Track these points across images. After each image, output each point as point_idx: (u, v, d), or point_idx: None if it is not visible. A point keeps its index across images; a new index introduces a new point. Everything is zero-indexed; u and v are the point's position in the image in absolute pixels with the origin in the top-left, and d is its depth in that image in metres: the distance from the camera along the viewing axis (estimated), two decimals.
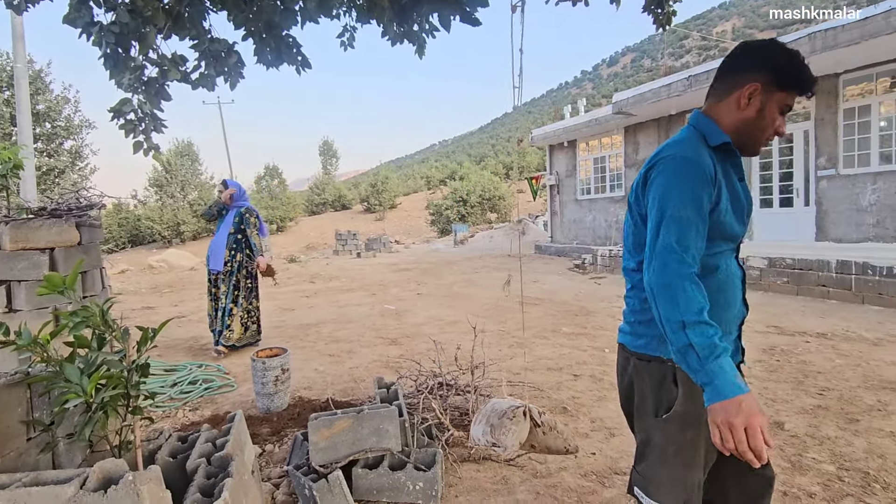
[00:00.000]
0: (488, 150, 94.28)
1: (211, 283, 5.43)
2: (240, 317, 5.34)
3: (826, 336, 5.44)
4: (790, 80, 1.34)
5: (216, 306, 5.35)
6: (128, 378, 1.48)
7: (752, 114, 1.37)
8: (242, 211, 5.50)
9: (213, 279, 5.41)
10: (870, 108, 8.74)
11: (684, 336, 1.19)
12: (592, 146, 14.94)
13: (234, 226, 5.43)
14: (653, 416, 1.44)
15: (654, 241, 1.30)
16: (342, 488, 2.32)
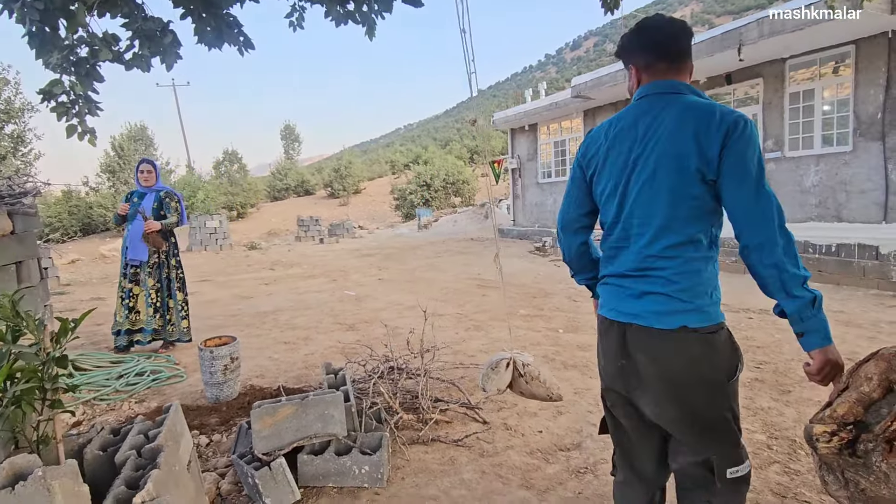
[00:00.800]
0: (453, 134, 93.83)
1: (127, 277, 4.87)
2: (177, 309, 5.04)
3: (768, 312, 5.67)
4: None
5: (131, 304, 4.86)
6: (43, 371, 1.43)
7: None
8: (162, 195, 5.06)
9: (133, 272, 4.88)
10: (814, 92, 9.06)
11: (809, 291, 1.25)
12: (553, 130, 15.06)
13: (153, 212, 4.96)
14: (727, 384, 1.37)
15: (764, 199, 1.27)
16: (285, 475, 2.31)
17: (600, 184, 1.52)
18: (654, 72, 1.47)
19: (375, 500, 2.37)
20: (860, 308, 5.74)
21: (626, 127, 1.46)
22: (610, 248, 1.53)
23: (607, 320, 1.51)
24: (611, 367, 1.52)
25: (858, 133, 8.51)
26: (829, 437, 0.93)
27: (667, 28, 1.47)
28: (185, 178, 30.00)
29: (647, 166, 1.39)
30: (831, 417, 0.94)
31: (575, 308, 6.35)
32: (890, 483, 0.85)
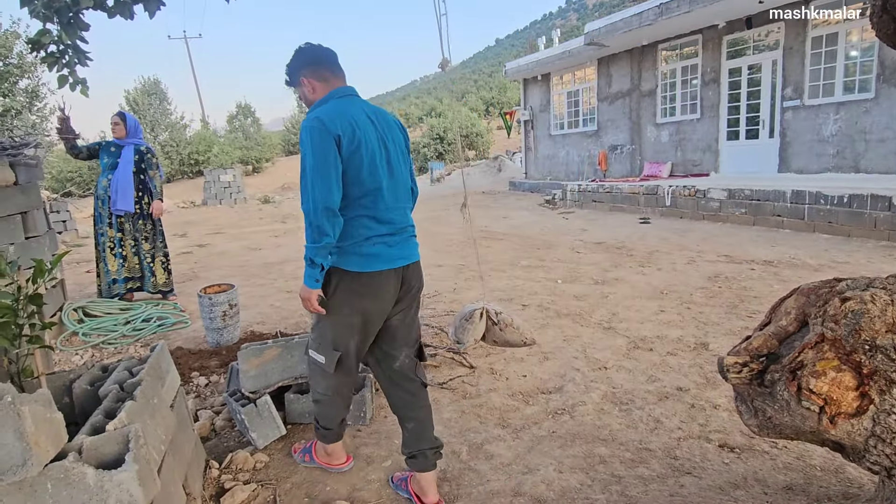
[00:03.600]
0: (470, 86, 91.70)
1: (112, 225, 4.85)
2: (160, 261, 5.08)
3: (772, 263, 5.62)
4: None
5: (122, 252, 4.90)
6: (16, 307, 1.51)
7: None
8: (142, 149, 4.97)
9: (118, 221, 4.87)
10: (837, 36, 8.63)
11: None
12: (566, 80, 14.64)
13: (134, 164, 4.89)
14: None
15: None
16: (270, 412, 2.43)
17: (360, 161, 1.77)
18: (341, 79, 1.94)
19: (357, 436, 2.49)
20: (866, 259, 5.65)
21: (361, 115, 1.82)
22: (383, 212, 1.84)
23: (387, 271, 1.86)
24: (387, 303, 1.90)
25: (882, 79, 8.14)
26: (740, 369, 0.96)
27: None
28: (199, 133, 30.01)
29: (396, 147, 1.91)
30: (746, 350, 0.97)
31: (577, 259, 6.35)
32: (791, 410, 0.88)
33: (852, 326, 0.83)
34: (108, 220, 4.88)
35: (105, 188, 4.85)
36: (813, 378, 0.84)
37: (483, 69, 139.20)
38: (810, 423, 0.87)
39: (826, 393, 0.84)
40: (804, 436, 0.93)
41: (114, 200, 4.80)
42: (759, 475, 2.03)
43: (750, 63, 10.00)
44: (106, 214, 4.87)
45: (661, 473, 2.08)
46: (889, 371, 0.81)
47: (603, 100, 13.28)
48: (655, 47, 11.66)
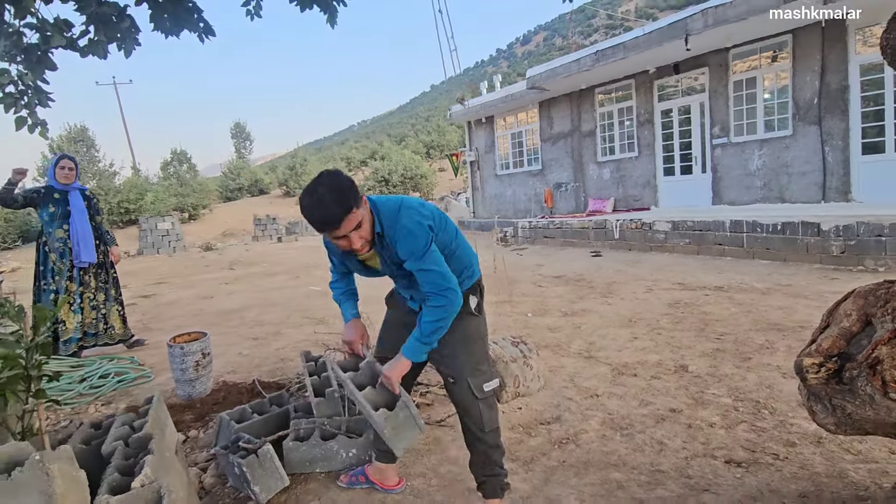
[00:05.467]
0: (408, 130, 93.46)
1: (74, 279, 4.56)
2: (117, 310, 4.82)
3: (723, 289, 5.95)
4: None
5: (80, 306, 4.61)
6: (27, 358, 1.38)
7: None
8: (89, 194, 4.79)
9: (80, 274, 4.60)
10: (755, 80, 9.51)
11: None
12: (509, 122, 15.23)
13: (87, 211, 4.66)
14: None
15: None
16: (273, 462, 2.29)
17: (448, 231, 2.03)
18: None
19: None
20: (805, 281, 6.09)
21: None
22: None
23: None
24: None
25: (797, 118, 9.00)
26: (818, 369, 1.01)
27: None
28: (130, 181, 28.76)
29: None
30: (817, 351, 1.03)
31: (541, 293, 6.48)
32: (875, 404, 0.93)
33: None
34: (68, 273, 4.55)
35: (63, 240, 4.55)
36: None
37: (420, 113, 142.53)
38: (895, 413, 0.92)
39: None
40: (885, 428, 0.98)
41: (77, 252, 4.51)
42: (771, 486, 2.10)
43: (680, 105, 10.80)
44: (66, 268, 4.55)
45: (680, 493, 2.12)
46: None
47: (546, 140, 13.88)
48: (593, 91, 12.40)
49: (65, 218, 4.56)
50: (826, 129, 8.65)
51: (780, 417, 2.74)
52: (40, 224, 4.63)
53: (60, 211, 4.57)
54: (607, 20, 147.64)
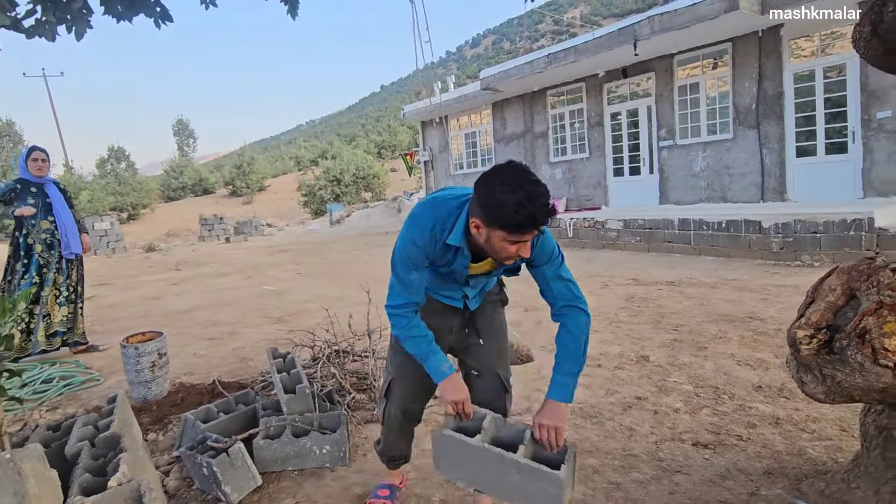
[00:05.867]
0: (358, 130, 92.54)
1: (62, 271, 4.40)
2: (80, 308, 4.61)
3: (675, 283, 6.19)
4: (505, 224, 1.38)
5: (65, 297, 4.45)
6: None
7: (482, 241, 1.49)
8: (63, 187, 4.63)
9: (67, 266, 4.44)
10: (699, 85, 9.96)
11: None
12: (463, 122, 15.33)
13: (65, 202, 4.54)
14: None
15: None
16: (245, 461, 2.21)
17: None
18: None
19: (341, 478, 2.33)
20: (749, 276, 6.43)
21: None
22: None
23: None
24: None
25: (737, 122, 9.48)
26: (810, 340, 1.07)
27: None
28: (63, 178, 27.13)
29: None
30: (807, 324, 1.08)
31: None
32: (864, 371, 0.99)
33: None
34: (56, 265, 4.40)
35: (50, 231, 4.38)
36: (885, 339, 0.97)
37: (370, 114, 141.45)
38: (885, 380, 0.99)
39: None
40: (871, 394, 1.05)
41: (65, 244, 4.39)
42: (738, 465, 2.19)
43: (628, 108, 11.17)
44: (55, 260, 4.39)
45: (654, 475, 2.18)
46: None
47: (499, 141, 14.05)
48: (545, 93, 12.64)
49: (47, 210, 4.41)
50: (764, 133, 9.16)
51: (738, 402, 2.88)
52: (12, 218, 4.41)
53: (41, 203, 4.41)
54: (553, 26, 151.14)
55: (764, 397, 2.91)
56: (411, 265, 1.61)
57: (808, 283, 5.78)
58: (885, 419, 1.60)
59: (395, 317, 1.68)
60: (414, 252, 1.58)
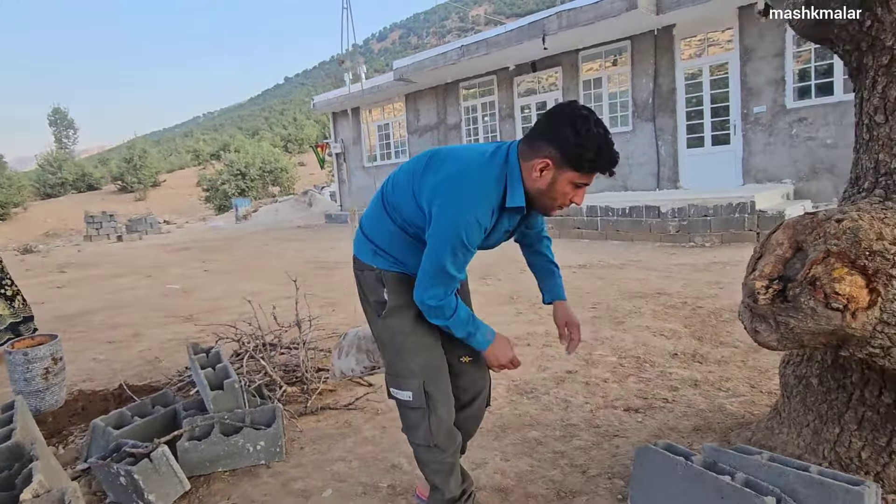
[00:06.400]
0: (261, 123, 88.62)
1: None
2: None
3: (586, 266, 6.50)
4: (583, 163, 1.33)
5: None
6: None
7: (542, 185, 1.39)
8: None
9: None
10: (601, 80, 10.50)
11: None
12: (376, 114, 15.12)
13: None
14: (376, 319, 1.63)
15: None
16: (170, 464, 2.02)
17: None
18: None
19: (279, 474, 2.20)
20: (651, 256, 6.89)
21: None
22: None
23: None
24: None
25: (636, 116, 10.12)
26: (765, 290, 1.13)
27: None
28: None
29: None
30: (761, 276, 1.15)
31: None
32: (816, 315, 1.07)
33: (853, 239, 1.06)
34: None
35: None
36: (835, 284, 1.05)
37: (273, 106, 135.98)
38: (835, 323, 1.07)
39: (848, 293, 1.05)
40: (820, 337, 1.13)
41: None
42: (669, 425, 2.33)
43: (537, 101, 11.56)
44: None
45: (594, 441, 2.26)
46: (887, 268, 1.05)
47: (413, 132, 14.01)
48: (457, 85, 12.77)
49: None
50: (659, 126, 9.84)
51: (659, 368, 3.06)
52: None
53: None
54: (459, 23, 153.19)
55: (680, 363, 3.12)
56: (471, 249, 1.43)
57: (702, 261, 6.32)
58: (803, 369, 1.76)
59: (442, 308, 1.46)
60: (476, 234, 1.40)
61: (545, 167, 1.35)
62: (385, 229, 1.59)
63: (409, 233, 1.54)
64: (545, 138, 1.35)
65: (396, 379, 1.61)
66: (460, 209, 1.35)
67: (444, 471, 1.62)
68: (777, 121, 8.69)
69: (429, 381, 1.57)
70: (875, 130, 1.31)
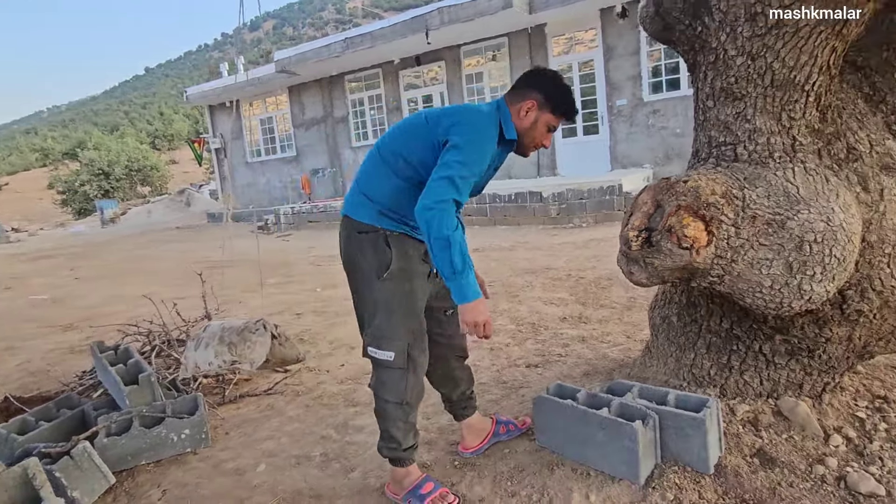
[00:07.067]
0: (121, 118, 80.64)
1: None
2: None
3: (479, 250, 6.90)
4: (558, 106, 1.68)
5: None
6: None
7: (527, 124, 1.68)
8: None
9: None
10: (482, 74, 11.04)
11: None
12: (257, 106, 14.55)
13: None
14: (376, 279, 1.68)
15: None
16: (92, 459, 1.99)
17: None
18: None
19: (209, 458, 2.23)
20: (536, 238, 7.48)
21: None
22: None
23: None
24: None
25: None
26: (636, 238, 1.43)
27: None
28: None
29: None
30: (633, 227, 1.45)
31: (322, 271, 6.55)
32: (673, 255, 1.38)
33: (695, 195, 1.39)
34: None
35: None
36: (684, 229, 1.36)
37: (134, 100, 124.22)
38: (686, 259, 1.39)
39: (693, 236, 1.37)
40: (676, 273, 1.45)
41: None
42: (564, 374, 2.68)
43: (423, 94, 11.86)
44: None
45: (504, 394, 2.55)
46: (718, 215, 1.40)
47: (299, 126, 13.70)
48: (343, 78, 12.69)
49: None
50: None
51: (552, 331, 3.44)
52: None
53: None
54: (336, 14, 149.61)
55: (569, 325, 3.54)
56: (487, 159, 1.61)
57: (581, 239, 6.99)
58: (665, 311, 2.16)
59: (448, 214, 1.48)
60: (490, 146, 1.61)
61: (531, 107, 1.66)
62: (389, 186, 1.67)
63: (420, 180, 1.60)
64: (530, 87, 1.68)
65: (380, 340, 1.68)
66: (478, 132, 1.57)
67: (406, 426, 1.76)
68: (636, 113, 9.75)
69: (412, 345, 1.69)
70: (707, 113, 1.69)
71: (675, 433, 1.71)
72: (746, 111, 1.59)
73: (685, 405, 1.76)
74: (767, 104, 1.55)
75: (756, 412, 1.88)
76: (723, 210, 1.41)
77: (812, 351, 1.80)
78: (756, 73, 1.53)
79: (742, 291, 1.48)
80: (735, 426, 1.86)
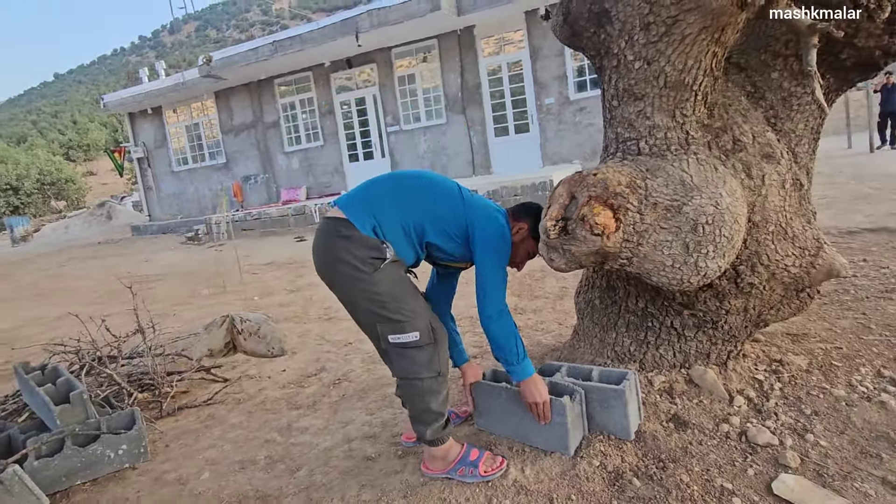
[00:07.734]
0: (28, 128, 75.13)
1: None
2: None
3: None
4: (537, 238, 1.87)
5: None
6: None
7: (518, 240, 1.91)
8: None
9: None
10: (415, 76, 11.13)
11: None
12: (182, 112, 13.99)
13: None
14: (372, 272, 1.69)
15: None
16: (24, 482, 1.92)
17: None
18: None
19: (149, 471, 2.20)
20: None
21: None
22: None
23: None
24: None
25: (449, 109, 10.95)
26: (554, 228, 1.56)
27: None
28: None
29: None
30: (550, 218, 1.57)
31: (258, 279, 6.44)
32: (587, 242, 1.52)
33: (603, 186, 1.53)
34: None
35: None
36: (596, 217, 1.50)
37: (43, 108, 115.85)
38: (598, 244, 1.52)
39: (603, 223, 1.51)
40: (591, 257, 1.59)
41: None
42: None
43: (356, 96, 11.82)
44: None
45: None
46: (624, 204, 1.54)
47: (227, 132, 13.30)
48: (272, 81, 12.43)
49: None
50: (470, 118, 10.79)
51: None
52: None
53: None
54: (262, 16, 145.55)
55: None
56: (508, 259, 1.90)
57: None
58: (589, 295, 2.32)
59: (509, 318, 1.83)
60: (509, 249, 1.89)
61: (522, 229, 1.91)
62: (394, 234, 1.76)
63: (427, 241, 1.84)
64: (525, 214, 1.95)
65: (400, 324, 1.71)
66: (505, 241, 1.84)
67: (444, 397, 1.82)
68: (563, 111, 10.14)
69: (433, 318, 1.80)
70: (614, 112, 1.85)
71: (599, 406, 1.86)
72: (646, 109, 1.76)
73: (608, 380, 1.92)
74: (663, 103, 1.73)
75: (671, 382, 2.07)
76: (628, 199, 1.56)
77: (715, 323, 2.00)
78: (652, 76, 1.70)
79: (648, 271, 1.64)
80: (653, 396, 2.04)
